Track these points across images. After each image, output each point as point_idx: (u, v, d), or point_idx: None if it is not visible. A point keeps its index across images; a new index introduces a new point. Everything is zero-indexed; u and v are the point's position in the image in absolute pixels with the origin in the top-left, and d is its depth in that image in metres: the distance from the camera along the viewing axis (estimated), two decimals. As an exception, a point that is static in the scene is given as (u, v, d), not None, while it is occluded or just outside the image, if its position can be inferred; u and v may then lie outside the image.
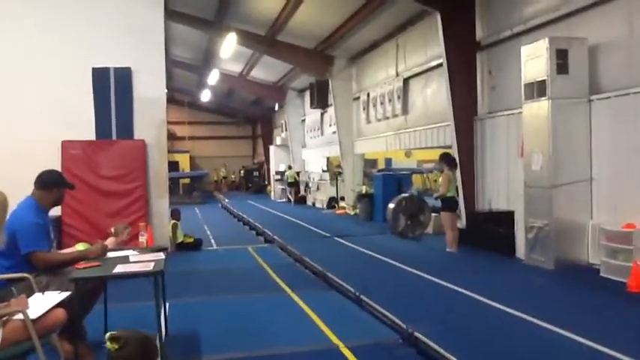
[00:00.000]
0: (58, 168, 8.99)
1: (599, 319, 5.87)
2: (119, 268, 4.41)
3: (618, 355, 4.64)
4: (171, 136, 27.32)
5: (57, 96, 10.14)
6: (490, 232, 10.21)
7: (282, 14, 16.53)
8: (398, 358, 5.00)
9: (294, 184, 25.17)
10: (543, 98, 8.43)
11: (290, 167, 26.22)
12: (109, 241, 5.30)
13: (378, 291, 7.03)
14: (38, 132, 9.92)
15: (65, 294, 4.12)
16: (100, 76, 10.38)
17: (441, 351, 4.79)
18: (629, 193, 7.76)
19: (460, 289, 7.21)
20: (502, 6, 10.66)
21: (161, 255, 4.88)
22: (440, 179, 10.53)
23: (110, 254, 4.94)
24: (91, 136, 10.31)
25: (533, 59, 8.61)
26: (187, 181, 30.53)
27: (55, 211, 5.17)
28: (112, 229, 5.57)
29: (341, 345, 5.19)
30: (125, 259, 4.74)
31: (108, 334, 3.72)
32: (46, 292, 4.23)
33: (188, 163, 35.19)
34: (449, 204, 10.36)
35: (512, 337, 5.37)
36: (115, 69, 10.42)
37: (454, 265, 9.40)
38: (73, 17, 10.37)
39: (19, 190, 4.86)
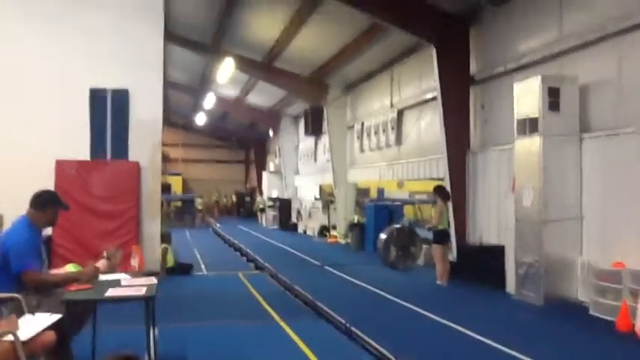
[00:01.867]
0: (52, 187, 9.01)
1: (587, 358, 5.88)
2: (111, 292, 4.40)
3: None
4: (165, 158, 27.35)
5: (53, 115, 10.17)
6: (481, 266, 10.23)
7: (280, 41, 16.75)
8: (386, 390, 4.99)
9: (264, 210, 28.68)
10: (535, 134, 8.56)
11: (261, 193, 28.69)
12: (100, 264, 5.28)
13: (368, 322, 7.02)
14: (32, 150, 9.92)
15: (56, 316, 4.10)
16: (97, 96, 10.44)
17: (430, 385, 4.78)
18: (619, 232, 7.83)
19: (449, 323, 7.21)
20: (496, 42, 10.87)
21: (153, 279, 4.88)
22: (432, 211, 10.57)
23: (102, 277, 4.92)
24: (86, 156, 10.32)
25: (526, 96, 8.76)
26: (179, 204, 30.37)
27: (46, 231, 5.16)
28: (105, 253, 5.55)
29: (329, 376, 5.17)
30: (117, 283, 4.73)
31: None
32: (36, 314, 4.20)
33: (181, 185, 35.11)
34: (440, 236, 10.40)
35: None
36: (113, 90, 10.49)
37: (444, 298, 9.41)
38: (73, 38, 10.45)
39: (13, 209, 4.88)
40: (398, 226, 13.27)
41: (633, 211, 7.59)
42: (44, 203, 4.83)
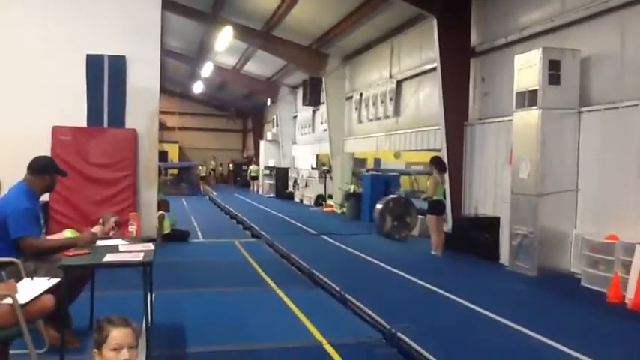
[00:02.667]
0: (48, 153, 9.00)
1: (576, 327, 5.98)
2: (109, 257, 4.44)
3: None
4: (162, 126, 27.28)
5: (49, 82, 10.05)
6: (475, 237, 10.32)
7: (279, 10, 16.57)
8: (380, 357, 5.08)
9: (256, 178, 29.59)
10: (534, 107, 8.55)
11: (255, 163, 29.92)
12: (97, 229, 5.32)
13: (363, 290, 7.10)
14: (29, 117, 9.83)
15: (54, 280, 4.15)
16: (94, 63, 10.33)
17: (423, 351, 4.87)
18: (614, 205, 7.90)
19: (443, 292, 7.30)
20: (497, 14, 10.77)
21: (150, 245, 4.92)
22: (428, 182, 10.61)
23: (99, 242, 4.96)
24: (83, 123, 10.26)
25: (526, 68, 8.72)
26: (176, 172, 30.41)
27: (43, 197, 5.19)
28: (101, 220, 5.59)
29: (324, 342, 5.26)
30: (115, 248, 4.78)
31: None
32: (34, 278, 4.25)
33: (177, 153, 35.04)
34: (435, 207, 10.44)
35: (491, 340, 5.47)
36: (110, 57, 10.38)
37: (438, 268, 9.51)
38: (70, 4, 10.29)
39: (9, 174, 4.89)
40: (394, 196, 13.33)
41: (629, 184, 7.64)
42: (42, 169, 4.84)
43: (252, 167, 31.29)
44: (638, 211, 7.47)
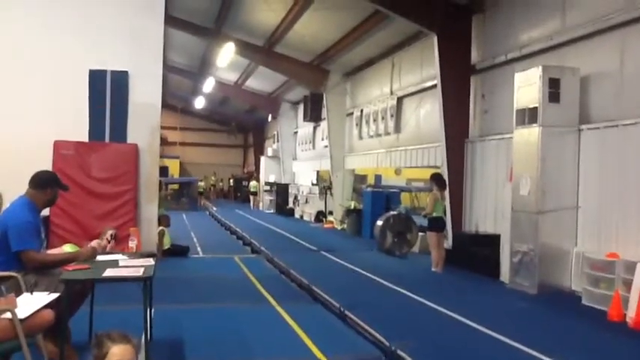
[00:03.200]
0: (50, 167, 9.03)
1: (578, 347, 5.95)
2: (109, 272, 4.43)
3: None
4: (163, 141, 27.39)
5: (52, 96, 10.12)
6: (476, 254, 10.30)
7: (281, 26, 16.69)
8: (380, 374, 5.05)
9: (255, 194, 30.20)
10: (534, 125, 8.58)
11: (255, 179, 30.69)
12: (96, 243, 5.30)
13: (363, 307, 7.07)
14: (31, 131, 9.87)
15: (54, 295, 4.13)
16: (96, 78, 10.39)
17: (423, 370, 4.84)
18: (614, 223, 7.89)
19: (443, 310, 7.27)
20: (498, 32, 10.85)
21: (151, 261, 4.92)
22: (427, 198, 10.60)
23: (100, 257, 4.96)
24: (84, 137, 10.30)
25: (526, 86, 8.77)
26: (176, 187, 30.45)
27: (44, 211, 5.21)
28: (102, 235, 5.59)
29: (324, 359, 5.23)
30: (115, 264, 4.77)
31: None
32: (34, 292, 4.24)
33: (178, 168, 35.11)
34: (435, 224, 10.43)
35: (491, 358, 5.45)
36: (112, 72, 10.44)
37: (438, 285, 9.47)
38: (73, 18, 10.37)
39: (11, 188, 4.90)
40: (394, 212, 13.32)
41: (629, 202, 7.65)
42: (43, 183, 4.85)
43: (252, 183, 31.62)
44: (639, 229, 7.46)
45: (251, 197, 30.74)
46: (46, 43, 10.24)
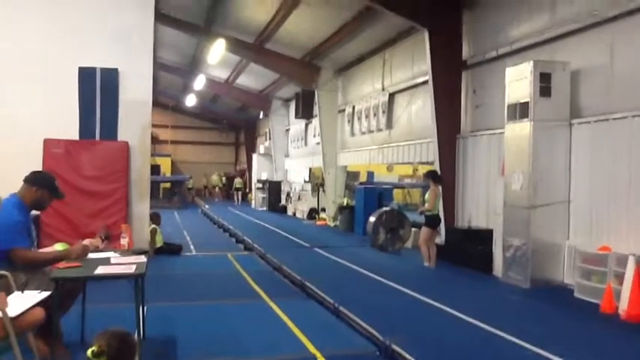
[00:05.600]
0: (40, 166, 8.97)
1: (570, 338, 5.97)
2: (100, 270, 4.40)
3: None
4: (154, 140, 27.33)
5: (42, 94, 10.04)
6: (468, 249, 10.33)
7: (272, 23, 16.63)
8: (374, 369, 5.05)
9: (239, 190, 32.16)
10: (525, 120, 8.60)
11: (240, 177, 32.63)
12: (88, 242, 5.26)
13: (357, 303, 7.07)
14: (21, 130, 9.80)
15: (45, 294, 4.10)
16: (86, 75, 10.31)
17: (417, 364, 4.84)
18: (606, 216, 7.94)
19: (436, 304, 7.29)
20: (489, 27, 10.87)
21: (142, 258, 4.89)
22: (427, 195, 10.60)
23: (91, 255, 4.92)
24: (75, 135, 10.23)
25: (517, 81, 8.79)
26: (168, 185, 30.36)
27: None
28: (98, 234, 5.56)
29: (318, 355, 5.22)
30: (106, 261, 4.73)
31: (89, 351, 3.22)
32: (25, 291, 4.20)
33: (169, 167, 34.96)
34: (433, 220, 10.43)
35: (485, 352, 5.46)
36: (102, 69, 10.36)
37: (431, 279, 9.50)
38: (63, 16, 10.29)
39: (1, 188, 4.85)
40: (387, 209, 13.33)
41: (620, 196, 7.69)
42: (34, 180, 4.81)
43: (237, 179, 33.21)
44: (630, 222, 7.51)
45: (235, 193, 32.02)
46: (36, 41, 10.14)
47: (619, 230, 7.66)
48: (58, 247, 5.26)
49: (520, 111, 8.71)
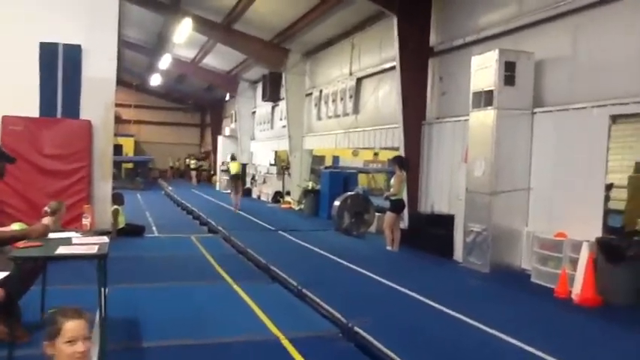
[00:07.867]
0: (-2, 144, 8.70)
1: (525, 321, 6.16)
2: (62, 250, 4.33)
3: (539, 353, 4.91)
4: (117, 119, 26.77)
5: (0, 69, 9.72)
6: (431, 234, 10.50)
7: (240, 3, 16.43)
8: (337, 351, 5.12)
9: (196, 170, 33.15)
10: (490, 108, 8.75)
11: (196, 157, 34.02)
12: (47, 220, 5.15)
13: (320, 285, 7.13)
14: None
15: (4, 274, 4.02)
16: (47, 51, 10.04)
17: (379, 345, 4.93)
18: (564, 204, 8.17)
19: (398, 287, 7.42)
20: (457, 15, 10.96)
21: (105, 239, 4.82)
22: (392, 180, 10.72)
23: (51, 235, 4.83)
24: (35, 113, 9.97)
25: (483, 69, 8.91)
26: (131, 166, 29.87)
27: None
28: (47, 208, 5.38)
29: (281, 336, 5.27)
30: (68, 241, 4.66)
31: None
32: (-18, 271, 4.11)
33: (132, 147, 34.39)
34: (397, 205, 10.57)
35: (444, 333, 5.59)
36: (65, 45, 10.11)
37: (394, 263, 9.63)
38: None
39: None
40: (352, 193, 13.43)
41: (578, 184, 7.92)
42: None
43: (192, 160, 34.66)
44: (587, 210, 7.75)
45: (192, 173, 32.82)
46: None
47: (576, 217, 7.89)
48: (16, 226, 5.14)
49: (485, 99, 8.85)
